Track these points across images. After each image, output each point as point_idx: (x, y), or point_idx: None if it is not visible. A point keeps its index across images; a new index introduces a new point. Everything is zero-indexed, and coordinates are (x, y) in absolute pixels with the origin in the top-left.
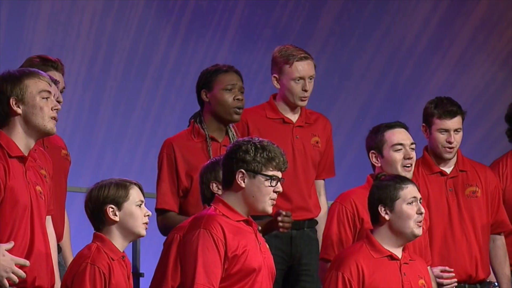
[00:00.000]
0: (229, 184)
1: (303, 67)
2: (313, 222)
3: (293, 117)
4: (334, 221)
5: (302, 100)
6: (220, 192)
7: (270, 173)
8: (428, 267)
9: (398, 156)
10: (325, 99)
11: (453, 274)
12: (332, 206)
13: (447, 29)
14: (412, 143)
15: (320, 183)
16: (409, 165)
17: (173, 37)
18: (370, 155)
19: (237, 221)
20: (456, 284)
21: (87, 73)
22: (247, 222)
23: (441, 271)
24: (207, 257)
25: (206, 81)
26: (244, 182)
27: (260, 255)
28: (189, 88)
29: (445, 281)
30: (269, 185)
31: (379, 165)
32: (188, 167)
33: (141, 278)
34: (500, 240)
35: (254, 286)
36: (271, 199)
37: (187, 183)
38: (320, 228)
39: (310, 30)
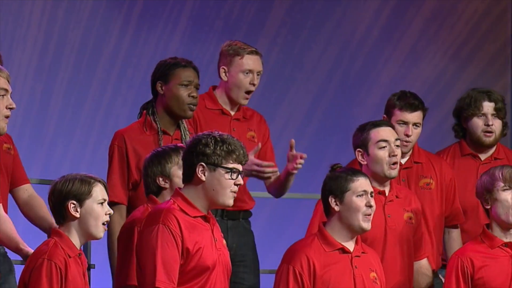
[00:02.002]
0: (189, 178)
1: (254, 61)
2: (248, 214)
3: (231, 111)
4: (318, 215)
5: (245, 98)
6: (167, 185)
7: (230, 165)
8: (425, 260)
9: (383, 153)
10: (277, 91)
11: None
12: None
13: (398, 21)
14: (396, 139)
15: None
16: (396, 161)
17: (124, 28)
18: (356, 153)
19: (195, 217)
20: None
21: (38, 64)
22: (205, 218)
23: None
24: (167, 253)
25: (163, 73)
26: (204, 175)
27: (215, 253)
28: (141, 79)
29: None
30: (230, 177)
31: (365, 163)
32: (138, 160)
33: (92, 270)
34: (456, 233)
35: (208, 284)
36: (232, 191)
37: (137, 176)
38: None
39: (261, 22)
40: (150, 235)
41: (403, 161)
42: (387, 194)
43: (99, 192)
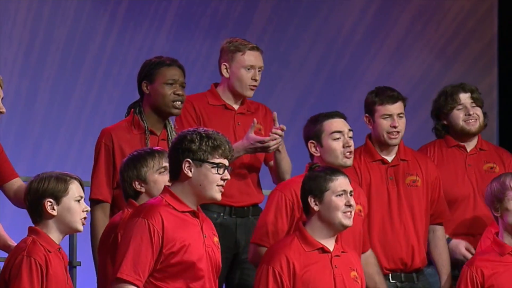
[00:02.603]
0: (176, 175)
1: (255, 57)
2: (257, 210)
3: (235, 105)
4: (272, 208)
5: (251, 89)
6: (143, 190)
7: (216, 160)
8: (370, 250)
9: (337, 144)
10: (263, 88)
11: None
12: (271, 193)
13: (384, 19)
14: (350, 130)
15: (270, 163)
16: (349, 153)
17: (110, 26)
18: (309, 145)
19: (183, 212)
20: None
21: (23, 62)
22: (193, 213)
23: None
24: (139, 247)
25: (148, 73)
26: (191, 171)
27: (202, 248)
28: (127, 77)
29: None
30: (216, 172)
31: (318, 154)
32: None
33: (78, 267)
34: (440, 231)
35: (194, 279)
36: (219, 186)
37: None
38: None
39: (248, 20)
40: (128, 227)
41: (390, 159)
42: None
43: (75, 189)
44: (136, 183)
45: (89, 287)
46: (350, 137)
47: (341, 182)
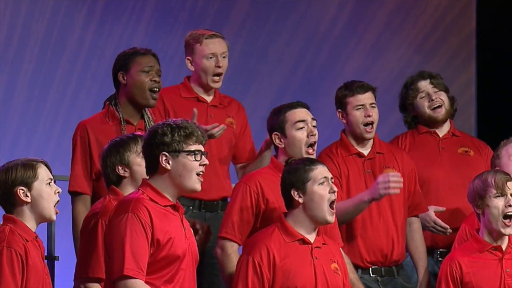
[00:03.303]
0: (154, 170)
1: (214, 44)
2: (226, 204)
3: (208, 97)
4: (237, 200)
5: (215, 81)
6: (126, 174)
7: (192, 148)
8: (346, 257)
9: (302, 134)
10: (241, 83)
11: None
12: (236, 185)
13: (363, 14)
14: (313, 119)
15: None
16: (313, 142)
17: (88, 20)
18: (273, 136)
19: (165, 206)
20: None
21: (1, 56)
22: (174, 207)
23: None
24: (136, 241)
25: (124, 63)
26: (169, 164)
27: (185, 242)
28: (105, 71)
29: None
30: (194, 159)
31: (283, 146)
32: (101, 150)
33: (56, 262)
34: (417, 223)
35: (179, 273)
36: (198, 173)
37: (100, 166)
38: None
39: (226, 14)
40: (119, 224)
41: (366, 152)
42: None
43: (44, 173)
44: (120, 167)
45: (67, 280)
46: (314, 126)
47: (321, 170)
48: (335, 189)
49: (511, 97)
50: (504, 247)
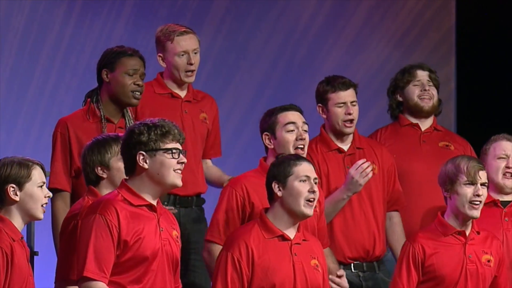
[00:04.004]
0: (132, 169)
1: (185, 41)
2: (201, 200)
3: (181, 93)
4: (223, 204)
5: (188, 76)
6: (105, 176)
7: (169, 146)
8: (328, 248)
9: (291, 137)
10: (221, 79)
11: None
12: (223, 190)
13: (342, 9)
14: (304, 123)
15: (208, 162)
16: (302, 145)
17: (68, 15)
18: (264, 137)
19: (139, 206)
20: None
21: None
22: (150, 207)
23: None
24: (100, 243)
25: (109, 61)
26: (146, 163)
27: (158, 242)
28: (85, 66)
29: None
30: (171, 157)
31: (272, 147)
32: (81, 147)
33: (35, 257)
34: (397, 218)
35: (148, 274)
36: (176, 170)
37: (79, 163)
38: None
39: (206, 10)
40: (86, 225)
41: (345, 148)
42: None
43: (38, 175)
44: (99, 168)
45: (46, 276)
46: (304, 131)
47: (304, 168)
48: (315, 189)
49: (491, 92)
50: (467, 232)
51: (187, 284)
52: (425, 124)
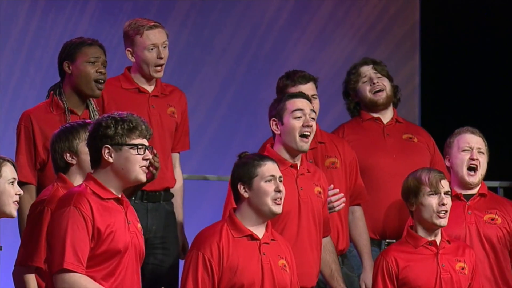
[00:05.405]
0: (97, 162)
1: (155, 35)
2: (169, 195)
3: (149, 88)
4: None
5: (157, 71)
6: (74, 162)
7: (135, 142)
8: (328, 237)
9: (297, 123)
10: (186, 74)
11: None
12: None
13: (307, 4)
14: (312, 111)
15: (175, 155)
16: (308, 132)
17: (32, 9)
18: (271, 122)
19: (107, 199)
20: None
21: None
22: (117, 200)
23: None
24: (76, 235)
25: (70, 52)
26: (111, 157)
27: (128, 235)
28: (49, 60)
29: (334, 201)
30: (137, 153)
31: (279, 132)
32: (45, 140)
33: (0, 252)
34: (359, 212)
35: (119, 267)
36: (142, 167)
37: (44, 155)
38: (176, 200)
39: (171, 4)
40: (60, 217)
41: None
42: (298, 168)
43: (9, 171)
44: (67, 154)
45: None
46: (312, 118)
47: (269, 167)
48: (281, 189)
49: (455, 87)
50: (438, 241)
51: (155, 280)
52: (386, 116)
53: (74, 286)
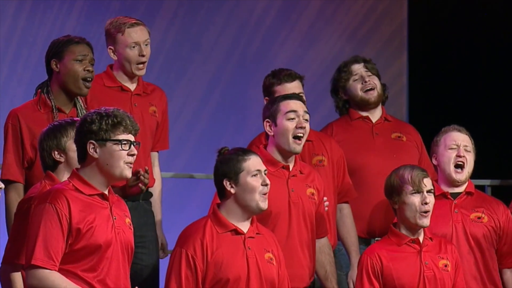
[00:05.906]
0: (83, 158)
1: (136, 33)
2: (148, 194)
3: (131, 86)
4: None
5: (139, 69)
6: (62, 159)
7: (120, 137)
8: (325, 238)
9: (291, 125)
10: (174, 71)
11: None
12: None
13: (295, 2)
14: (306, 113)
15: (154, 154)
16: (301, 134)
17: (20, 7)
18: (265, 123)
19: (91, 195)
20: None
21: None
22: (102, 196)
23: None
24: (49, 232)
25: (57, 51)
26: (96, 152)
27: (111, 231)
28: (37, 59)
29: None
30: (121, 149)
31: (272, 134)
32: (33, 138)
33: None
34: (347, 209)
35: (102, 263)
36: (126, 162)
37: (32, 154)
38: (154, 199)
39: (159, 3)
40: (36, 214)
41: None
42: (291, 169)
43: None
44: (56, 152)
45: None
46: (305, 120)
47: (254, 161)
48: (268, 182)
49: (443, 86)
50: (421, 239)
51: (134, 278)
52: (375, 115)
53: (42, 281)
